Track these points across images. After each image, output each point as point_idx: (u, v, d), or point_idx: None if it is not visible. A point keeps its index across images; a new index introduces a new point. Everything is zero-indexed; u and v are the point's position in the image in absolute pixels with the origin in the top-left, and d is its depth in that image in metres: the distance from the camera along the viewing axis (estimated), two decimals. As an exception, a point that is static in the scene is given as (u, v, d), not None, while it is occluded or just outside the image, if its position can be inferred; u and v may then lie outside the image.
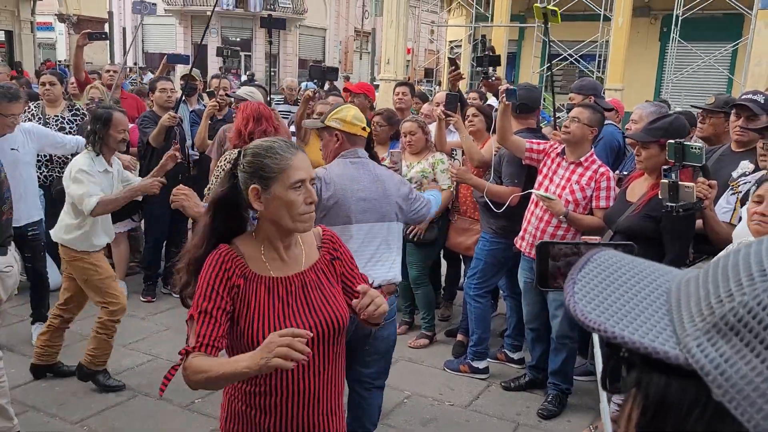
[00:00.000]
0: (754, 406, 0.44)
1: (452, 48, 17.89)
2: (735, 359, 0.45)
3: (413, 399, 4.06)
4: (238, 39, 30.40)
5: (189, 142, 5.73)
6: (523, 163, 4.01)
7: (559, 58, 13.53)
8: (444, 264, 5.49)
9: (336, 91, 7.18)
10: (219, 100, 5.69)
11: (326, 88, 7.15)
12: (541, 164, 3.91)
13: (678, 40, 12.95)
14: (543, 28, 4.76)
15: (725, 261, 0.50)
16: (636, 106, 4.71)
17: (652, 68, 15.50)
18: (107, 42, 15.68)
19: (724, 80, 13.93)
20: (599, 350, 0.88)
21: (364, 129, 2.93)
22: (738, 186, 3.24)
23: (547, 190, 3.76)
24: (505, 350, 4.57)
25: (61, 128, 5.52)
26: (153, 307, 5.32)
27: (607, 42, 13.53)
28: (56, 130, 5.47)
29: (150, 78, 8.75)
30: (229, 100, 6.13)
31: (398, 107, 5.68)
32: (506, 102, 3.78)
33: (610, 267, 0.55)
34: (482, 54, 4.50)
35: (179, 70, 8.10)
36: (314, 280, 1.94)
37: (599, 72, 13.75)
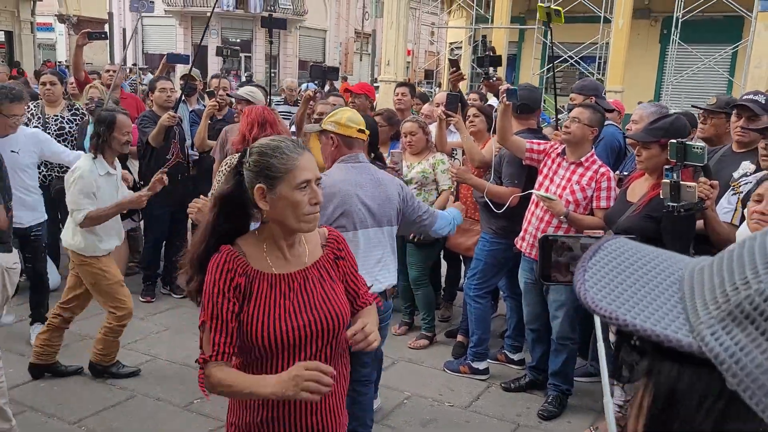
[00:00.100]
0: None
1: (452, 50, 17.90)
2: (750, 348, 0.44)
3: (413, 400, 4.04)
4: (238, 40, 30.41)
5: (188, 142, 5.72)
6: (524, 164, 4.00)
7: (560, 60, 13.53)
8: (444, 265, 5.48)
9: (336, 91, 7.17)
10: (219, 100, 5.69)
11: (327, 89, 7.15)
12: (542, 164, 3.90)
13: (678, 42, 12.96)
14: (543, 30, 4.76)
15: (740, 249, 0.49)
16: (636, 107, 4.70)
17: (652, 70, 15.52)
18: (107, 42, 15.67)
19: (724, 82, 13.95)
20: (602, 343, 0.87)
21: (362, 131, 2.92)
22: (739, 186, 3.23)
23: (548, 191, 3.75)
24: (505, 351, 4.56)
25: (61, 128, 5.51)
26: (152, 308, 5.31)
27: (608, 44, 13.54)
28: (56, 130, 5.48)
29: (150, 78, 8.74)
30: (229, 100, 6.12)
31: (398, 108, 5.68)
32: (507, 102, 3.78)
33: (622, 255, 0.54)
34: (483, 54, 4.49)
35: (179, 70, 8.10)
36: (316, 277, 1.94)
37: (599, 74, 13.76)
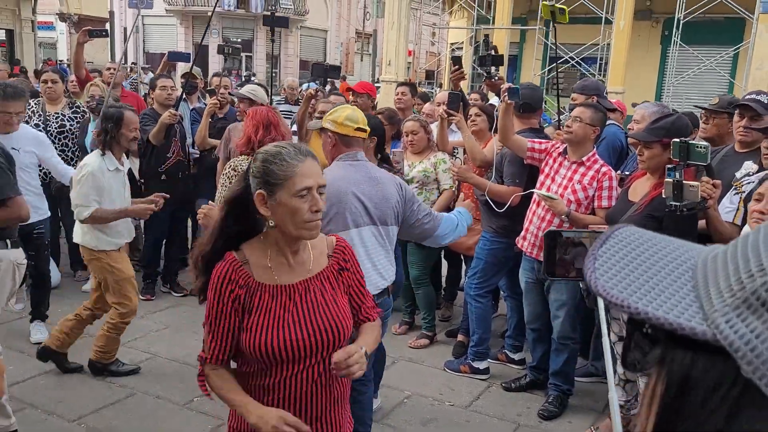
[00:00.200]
0: None
1: (454, 50, 17.89)
2: (766, 335, 0.43)
3: (413, 399, 4.04)
4: (239, 40, 30.41)
5: (189, 140, 5.72)
6: (525, 163, 3.99)
7: (561, 61, 13.52)
8: (445, 264, 5.48)
9: (337, 91, 7.17)
10: (219, 98, 5.68)
11: (328, 89, 7.14)
12: (543, 164, 3.89)
13: (679, 44, 12.95)
14: (545, 31, 4.75)
15: (755, 236, 0.49)
16: (638, 106, 4.70)
17: (653, 72, 15.51)
18: (108, 41, 15.67)
19: (725, 84, 13.93)
20: (606, 338, 0.86)
21: (361, 130, 2.91)
22: (741, 186, 3.22)
23: (549, 190, 3.75)
24: (506, 351, 4.55)
25: (62, 125, 5.51)
26: (152, 306, 5.30)
27: (609, 45, 13.54)
28: (57, 127, 5.47)
29: (151, 77, 8.74)
30: (230, 99, 6.12)
31: (399, 107, 5.68)
32: (508, 101, 3.77)
33: (632, 243, 0.54)
34: (485, 54, 4.48)
35: (180, 69, 8.09)
36: (319, 288, 1.92)
37: (600, 75, 13.75)
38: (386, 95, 13.14)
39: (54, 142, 5.19)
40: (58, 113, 5.54)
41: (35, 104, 5.51)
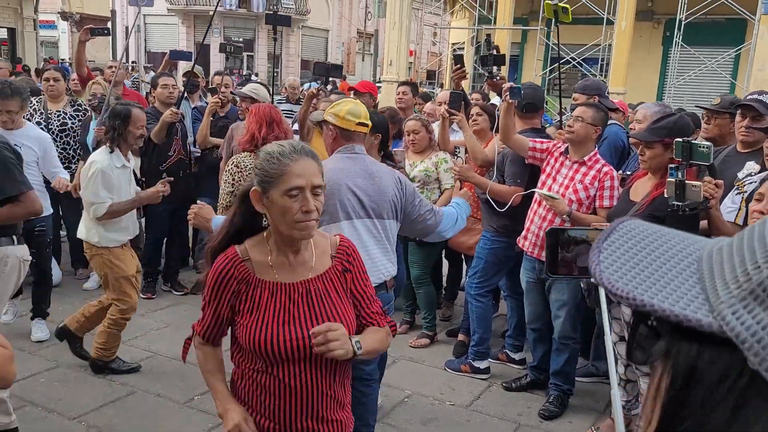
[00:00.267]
0: None
1: (455, 50, 17.88)
2: None
3: (414, 398, 4.03)
4: (241, 39, 30.42)
5: (190, 139, 5.72)
6: (526, 162, 3.99)
7: (562, 62, 13.51)
8: (446, 264, 5.48)
9: (337, 90, 7.17)
10: (221, 97, 5.68)
11: (329, 88, 7.14)
12: (545, 163, 3.89)
13: (681, 45, 12.94)
14: (546, 32, 4.75)
15: (761, 227, 0.48)
16: (640, 106, 4.69)
17: (655, 72, 15.50)
18: (110, 40, 15.68)
19: (727, 85, 13.92)
20: (609, 336, 0.86)
21: (363, 125, 2.90)
22: (743, 186, 3.22)
23: (551, 190, 3.74)
24: (507, 350, 4.54)
25: (63, 123, 5.51)
26: (153, 304, 5.30)
27: (610, 46, 13.53)
28: (58, 125, 5.48)
29: (152, 76, 8.74)
30: (232, 97, 6.12)
31: (400, 106, 5.68)
32: (510, 100, 3.77)
33: (637, 236, 0.53)
34: (487, 53, 4.47)
35: (181, 67, 8.09)
36: (320, 289, 1.91)
37: (602, 76, 13.73)
38: (387, 95, 13.14)
39: (55, 140, 5.19)
40: (60, 111, 5.54)
41: (37, 102, 5.52)
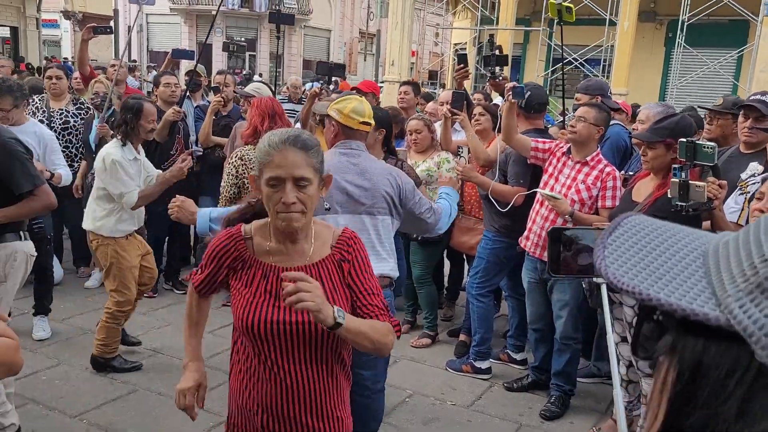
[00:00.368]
0: None
1: (458, 50, 17.87)
2: None
3: (415, 398, 4.03)
4: (243, 39, 30.44)
5: (193, 138, 5.72)
6: (529, 162, 3.98)
7: (564, 62, 13.51)
8: (447, 263, 5.47)
9: (338, 90, 7.17)
10: (223, 96, 5.68)
11: (332, 88, 7.14)
12: (547, 163, 3.88)
13: (683, 46, 12.91)
14: (548, 32, 4.74)
15: (767, 221, 0.48)
16: (643, 106, 4.69)
17: (657, 73, 15.48)
18: (112, 39, 15.70)
19: (729, 86, 13.89)
20: (611, 335, 0.86)
21: (366, 124, 2.90)
22: (746, 186, 3.21)
23: (553, 190, 3.74)
24: (508, 351, 4.54)
25: (66, 121, 5.51)
26: (154, 303, 5.30)
27: (613, 46, 13.51)
28: (60, 124, 5.48)
29: (154, 75, 8.74)
30: (235, 96, 6.12)
31: (401, 106, 5.68)
32: (512, 100, 3.76)
33: (641, 231, 0.53)
34: (489, 53, 4.46)
35: (184, 66, 8.10)
36: (313, 276, 1.89)
37: (604, 76, 13.71)
38: (389, 95, 13.13)
39: (58, 139, 5.18)
40: (62, 109, 5.55)
41: (39, 100, 5.52)
